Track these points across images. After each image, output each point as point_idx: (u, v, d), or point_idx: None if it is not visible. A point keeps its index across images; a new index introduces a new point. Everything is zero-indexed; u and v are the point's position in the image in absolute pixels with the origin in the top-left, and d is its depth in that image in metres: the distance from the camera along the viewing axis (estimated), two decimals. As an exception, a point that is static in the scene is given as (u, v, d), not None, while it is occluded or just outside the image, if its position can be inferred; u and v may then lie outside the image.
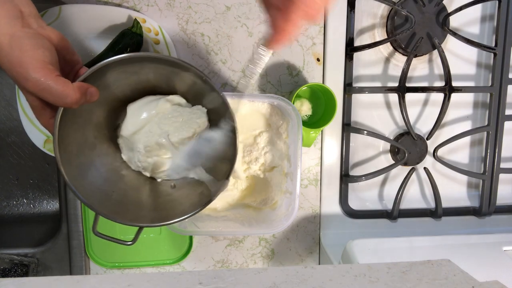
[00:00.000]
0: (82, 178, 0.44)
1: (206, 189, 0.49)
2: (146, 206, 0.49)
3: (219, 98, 0.45)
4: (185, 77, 0.46)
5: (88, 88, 0.38)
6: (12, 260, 0.64)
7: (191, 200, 0.49)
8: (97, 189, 0.46)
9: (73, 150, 0.43)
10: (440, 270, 0.32)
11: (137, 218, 0.46)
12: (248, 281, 0.30)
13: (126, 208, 0.47)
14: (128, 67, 0.44)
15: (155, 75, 0.47)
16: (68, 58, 0.41)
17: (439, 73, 0.68)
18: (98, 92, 0.40)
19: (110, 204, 0.46)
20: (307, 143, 0.62)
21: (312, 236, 0.68)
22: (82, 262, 0.64)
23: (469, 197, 0.71)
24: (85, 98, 0.38)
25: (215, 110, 0.49)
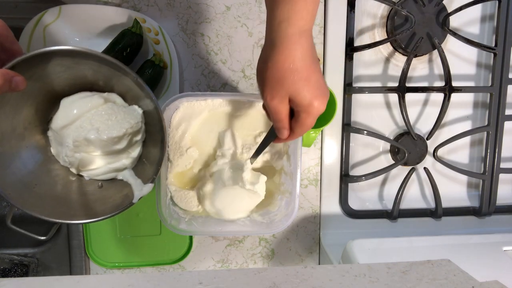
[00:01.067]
0: (2, 167, 0.44)
1: (130, 191, 0.49)
2: (68, 203, 0.49)
3: (152, 104, 0.46)
4: (124, 79, 0.46)
5: (14, 76, 0.38)
6: (12, 260, 0.64)
7: (114, 201, 0.49)
8: (18, 180, 0.46)
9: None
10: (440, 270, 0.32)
11: (55, 213, 0.46)
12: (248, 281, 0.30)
13: (46, 203, 0.47)
14: (66, 61, 0.43)
15: (94, 72, 0.47)
16: (6, 46, 0.40)
17: (439, 73, 0.68)
18: (25, 81, 0.39)
19: (29, 196, 0.45)
20: (307, 143, 0.62)
21: (312, 236, 0.68)
22: (82, 262, 0.64)
23: (469, 197, 0.71)
24: (9, 86, 0.37)
25: (150, 113, 0.49)
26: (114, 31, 0.58)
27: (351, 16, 0.64)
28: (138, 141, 0.51)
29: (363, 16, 0.65)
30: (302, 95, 0.39)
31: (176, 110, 0.55)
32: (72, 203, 0.49)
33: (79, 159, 0.49)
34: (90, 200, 0.50)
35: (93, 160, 0.49)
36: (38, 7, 0.57)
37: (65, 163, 0.50)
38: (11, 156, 0.46)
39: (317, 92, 0.39)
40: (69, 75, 0.47)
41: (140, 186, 0.49)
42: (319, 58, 0.65)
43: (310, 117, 0.40)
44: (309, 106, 0.39)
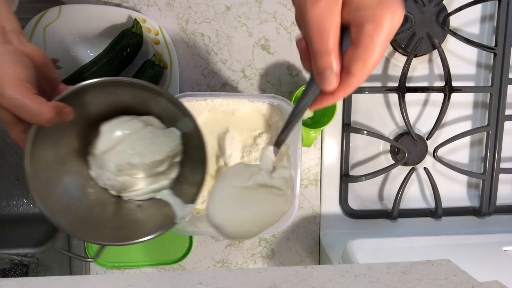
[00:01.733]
0: (49, 193, 0.44)
1: (170, 211, 0.49)
2: (110, 224, 0.49)
3: (191, 123, 0.45)
4: (160, 101, 0.46)
5: (64, 108, 0.39)
6: (12, 260, 0.64)
7: (155, 221, 0.48)
8: (63, 205, 0.46)
9: (42, 165, 0.43)
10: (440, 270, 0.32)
11: (100, 236, 0.46)
12: (248, 281, 0.30)
13: (89, 225, 0.47)
14: (106, 89, 0.44)
15: (131, 97, 0.47)
16: (47, 75, 0.41)
17: (439, 73, 0.68)
18: (73, 112, 0.40)
19: (74, 220, 0.46)
20: (307, 143, 0.62)
21: (312, 236, 0.68)
22: (82, 262, 0.64)
23: (469, 197, 0.71)
24: (60, 118, 0.38)
25: (189, 135, 0.49)
26: (114, 31, 0.58)
27: (351, 16, 0.64)
28: (177, 162, 0.51)
29: (363, 16, 0.65)
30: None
31: (176, 110, 0.55)
32: (113, 223, 0.49)
33: (121, 182, 0.49)
34: (131, 220, 0.50)
35: (135, 182, 0.49)
36: (38, 7, 0.57)
37: (106, 185, 0.50)
38: (55, 182, 0.46)
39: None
40: (109, 101, 0.47)
41: (181, 205, 0.48)
42: None
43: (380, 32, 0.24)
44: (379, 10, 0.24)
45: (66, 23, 0.57)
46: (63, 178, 0.47)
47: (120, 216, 0.50)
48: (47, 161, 0.45)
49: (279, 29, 0.64)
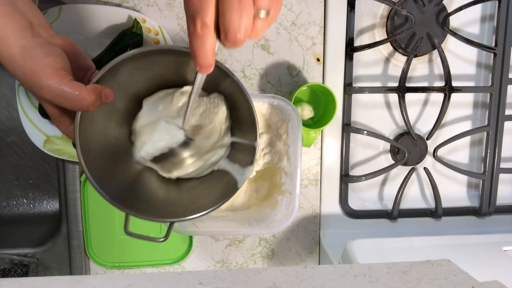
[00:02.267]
0: (109, 181, 0.44)
1: (231, 178, 0.48)
2: (174, 202, 0.48)
3: (234, 84, 0.43)
4: None
5: (102, 89, 0.39)
6: (12, 260, 0.64)
7: (218, 190, 0.48)
8: (124, 190, 0.45)
9: (96, 155, 0.43)
10: (440, 270, 0.32)
11: (167, 214, 0.45)
12: (248, 281, 0.30)
13: (154, 206, 0.47)
14: (139, 63, 0.43)
15: (167, 68, 0.46)
16: (80, 64, 0.41)
17: (439, 73, 0.68)
18: (112, 92, 0.40)
19: (139, 203, 0.45)
20: (307, 143, 0.62)
21: (312, 236, 0.68)
22: (82, 262, 0.64)
23: (469, 197, 0.71)
24: (101, 100, 0.38)
25: (232, 96, 0.47)
26: (114, 31, 0.58)
27: (351, 16, 0.64)
28: (228, 127, 0.50)
29: (363, 16, 0.65)
30: None
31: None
32: (178, 201, 0.49)
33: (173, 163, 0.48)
34: (194, 194, 0.49)
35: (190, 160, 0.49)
36: (38, 7, 0.56)
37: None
38: (112, 169, 0.46)
39: None
40: (145, 77, 0.46)
41: (240, 170, 0.47)
42: (318, 58, 0.65)
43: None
44: None
45: (66, 23, 0.57)
46: (118, 164, 0.47)
47: (183, 193, 0.50)
48: (100, 149, 0.44)
49: (279, 29, 0.64)
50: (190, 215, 0.45)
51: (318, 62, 0.65)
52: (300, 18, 0.64)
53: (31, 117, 0.58)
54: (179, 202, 0.49)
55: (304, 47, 0.64)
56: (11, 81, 0.68)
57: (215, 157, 0.50)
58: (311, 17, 0.64)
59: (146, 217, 0.43)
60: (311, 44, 0.64)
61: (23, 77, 0.36)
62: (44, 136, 0.59)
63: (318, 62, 0.65)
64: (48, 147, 0.59)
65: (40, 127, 0.58)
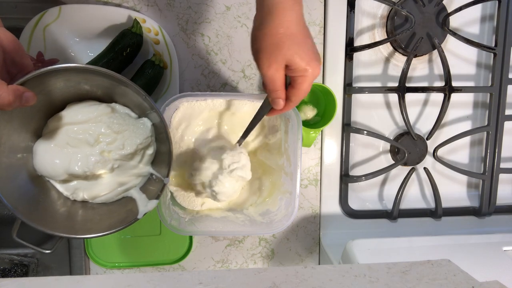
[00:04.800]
0: (10, 180, 0.43)
1: (135, 207, 0.48)
2: (73, 217, 0.48)
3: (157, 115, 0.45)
4: (127, 91, 0.45)
5: (24, 92, 0.38)
6: (12, 260, 0.64)
7: (118, 215, 0.48)
8: (24, 193, 0.45)
9: (5, 151, 0.43)
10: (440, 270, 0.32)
11: (60, 228, 0.45)
12: (248, 281, 0.30)
13: (51, 217, 0.46)
14: (72, 77, 0.44)
15: (98, 87, 0.46)
16: (17, 60, 0.41)
17: (439, 73, 0.68)
18: (35, 97, 0.39)
19: (35, 210, 0.45)
20: (307, 143, 0.62)
21: (312, 236, 0.68)
22: (82, 262, 0.64)
23: (469, 197, 0.71)
24: (20, 102, 0.38)
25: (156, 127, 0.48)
26: (114, 31, 0.58)
27: (351, 16, 0.64)
28: (151, 155, 0.50)
29: (363, 16, 0.65)
30: (298, 59, 0.40)
31: (176, 110, 0.55)
32: (76, 217, 0.48)
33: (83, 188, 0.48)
34: (95, 214, 0.49)
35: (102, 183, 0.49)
36: (38, 7, 0.57)
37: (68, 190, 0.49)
38: (18, 169, 0.45)
39: (312, 56, 0.41)
40: (77, 90, 0.46)
41: (145, 201, 0.48)
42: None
43: (307, 81, 0.42)
44: (306, 70, 0.41)
45: (66, 23, 0.57)
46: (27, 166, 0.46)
47: (85, 210, 0.49)
48: (11, 147, 0.44)
49: (279, 29, 0.63)
50: (82, 234, 0.45)
51: None
52: (300, 18, 0.64)
53: (31, 117, 0.58)
54: (76, 218, 0.48)
55: (304, 47, 0.64)
56: (11, 81, 0.68)
57: (129, 184, 0.50)
58: (311, 17, 0.64)
59: (36, 226, 0.43)
60: (311, 44, 0.64)
61: None
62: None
63: None
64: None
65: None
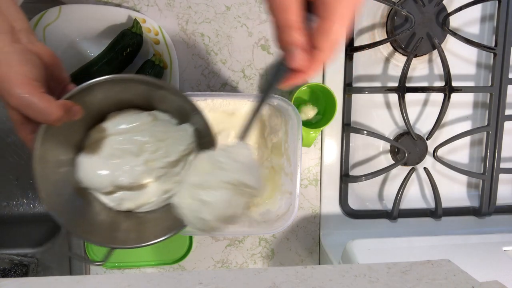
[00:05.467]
0: (58, 195, 0.44)
1: None
2: (119, 227, 0.48)
3: (201, 119, 0.45)
4: (169, 97, 0.45)
5: (72, 106, 0.38)
6: (12, 260, 0.64)
7: (165, 223, 0.47)
8: (71, 207, 0.45)
9: (51, 167, 0.43)
10: (440, 270, 0.32)
11: (109, 239, 0.45)
12: (248, 281, 0.30)
13: (98, 228, 0.46)
14: (114, 87, 0.44)
15: (137, 95, 0.46)
16: (56, 74, 0.41)
17: (439, 73, 0.68)
18: (81, 110, 0.40)
19: (83, 223, 0.45)
20: (307, 143, 0.62)
21: (312, 236, 0.68)
22: (82, 262, 0.64)
23: (469, 197, 0.71)
24: (68, 116, 0.38)
25: (200, 131, 0.48)
26: (114, 31, 0.58)
27: (351, 16, 0.64)
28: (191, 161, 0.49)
29: (363, 16, 0.65)
30: None
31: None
32: (123, 227, 0.48)
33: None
34: (141, 222, 0.49)
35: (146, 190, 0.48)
36: (38, 7, 0.56)
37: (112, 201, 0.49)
38: (64, 183, 0.45)
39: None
40: (116, 99, 0.46)
41: None
42: None
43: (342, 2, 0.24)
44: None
45: (66, 23, 0.57)
46: (72, 181, 0.47)
47: (130, 219, 0.49)
48: (56, 162, 0.44)
49: (279, 29, 0.63)
50: (131, 243, 0.45)
51: None
52: (300, 18, 0.64)
53: (31, 117, 0.58)
54: (123, 228, 0.48)
55: (304, 47, 0.64)
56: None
57: (173, 191, 0.49)
58: (311, 17, 0.64)
59: (88, 239, 0.44)
60: (311, 44, 0.64)
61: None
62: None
63: None
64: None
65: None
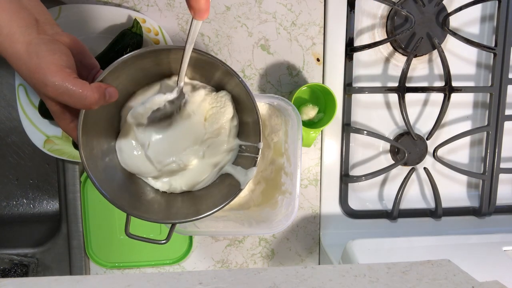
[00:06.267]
0: (110, 181, 0.44)
1: (233, 180, 0.47)
2: (175, 204, 0.48)
3: (239, 85, 0.43)
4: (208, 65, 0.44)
5: (107, 88, 0.38)
6: (12, 260, 0.64)
7: (220, 192, 0.48)
8: (126, 191, 0.45)
9: (98, 154, 0.43)
10: (440, 270, 0.32)
11: (169, 216, 0.45)
12: (248, 281, 0.30)
13: (156, 207, 0.46)
14: (145, 63, 0.43)
15: (164, 65, 0.45)
16: (85, 62, 0.41)
17: (439, 73, 0.68)
18: (117, 91, 0.40)
19: (140, 204, 0.45)
20: (307, 143, 0.62)
21: (312, 236, 0.68)
22: (82, 262, 0.64)
23: (469, 197, 0.71)
24: (104, 99, 0.38)
25: (237, 98, 0.47)
26: (114, 31, 0.58)
27: (351, 16, 0.64)
28: (235, 127, 0.49)
29: (363, 16, 0.65)
30: None
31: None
32: (179, 203, 0.48)
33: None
34: (197, 196, 0.49)
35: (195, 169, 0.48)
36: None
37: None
38: (113, 169, 0.45)
39: None
40: (150, 77, 0.46)
41: (242, 171, 0.47)
42: (318, 58, 0.65)
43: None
44: None
45: (66, 23, 0.57)
46: (119, 166, 0.46)
47: (185, 194, 0.49)
48: (102, 149, 0.44)
49: (279, 29, 0.64)
50: (192, 216, 0.45)
51: (318, 62, 0.65)
52: (300, 18, 0.64)
53: (31, 117, 0.58)
54: (181, 204, 0.48)
55: (304, 47, 0.64)
56: (11, 81, 0.68)
57: (222, 162, 0.49)
58: (311, 17, 0.64)
59: (148, 218, 0.43)
60: (311, 44, 0.64)
61: (28, 73, 0.35)
62: (44, 136, 0.59)
63: (318, 62, 0.65)
64: (48, 147, 0.59)
65: (40, 127, 0.58)
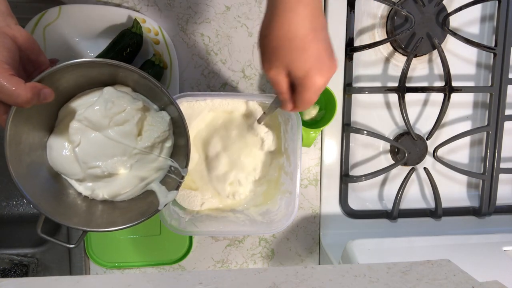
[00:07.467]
0: (32, 177, 0.44)
1: (155, 198, 0.48)
2: (95, 211, 0.49)
3: (175, 111, 0.46)
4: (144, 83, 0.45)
5: (42, 89, 0.38)
6: (12, 260, 0.64)
7: (140, 208, 0.48)
8: (46, 189, 0.46)
9: (25, 149, 0.43)
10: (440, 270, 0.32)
11: (83, 222, 0.46)
12: (248, 281, 0.30)
13: (73, 211, 0.47)
14: (88, 72, 0.44)
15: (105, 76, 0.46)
16: (33, 58, 0.41)
17: (439, 73, 0.68)
18: (53, 93, 0.39)
19: (58, 206, 0.46)
20: (307, 143, 0.62)
21: (312, 236, 0.68)
22: (82, 262, 0.64)
23: (469, 197, 0.71)
24: (38, 99, 0.38)
25: (174, 120, 0.48)
26: (114, 31, 0.58)
27: (351, 16, 0.64)
28: (169, 147, 0.50)
29: (363, 16, 0.65)
30: (296, 66, 0.37)
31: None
32: (97, 211, 0.49)
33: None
34: (116, 207, 0.50)
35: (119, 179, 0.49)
36: (38, 7, 0.57)
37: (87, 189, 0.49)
38: (39, 166, 0.46)
39: (315, 64, 0.37)
40: (91, 84, 0.47)
41: (165, 193, 0.48)
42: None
43: (308, 91, 0.38)
44: (305, 79, 0.37)
45: (66, 23, 0.57)
46: (46, 163, 0.47)
47: (104, 205, 0.50)
48: (30, 144, 0.44)
49: (279, 29, 0.63)
50: (105, 227, 0.46)
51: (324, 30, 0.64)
52: (300, 18, 0.64)
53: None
54: (99, 212, 0.49)
55: (304, 47, 0.64)
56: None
57: (150, 178, 0.50)
58: (311, 17, 0.64)
59: (60, 221, 0.44)
60: (311, 44, 0.64)
61: None
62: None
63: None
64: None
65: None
